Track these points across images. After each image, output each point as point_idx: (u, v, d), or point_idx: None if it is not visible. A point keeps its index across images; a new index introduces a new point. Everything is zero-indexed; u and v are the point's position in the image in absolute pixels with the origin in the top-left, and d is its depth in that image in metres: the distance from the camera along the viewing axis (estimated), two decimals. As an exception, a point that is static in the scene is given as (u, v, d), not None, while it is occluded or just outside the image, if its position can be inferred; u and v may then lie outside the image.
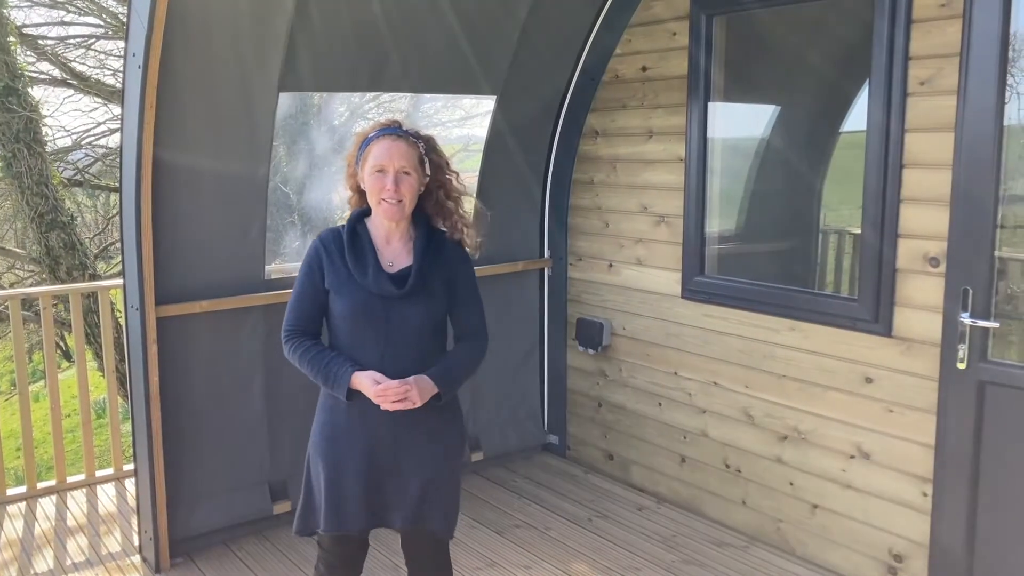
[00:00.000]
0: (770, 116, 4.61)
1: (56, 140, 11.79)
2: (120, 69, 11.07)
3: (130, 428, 3.96)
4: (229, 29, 3.48)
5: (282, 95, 3.75)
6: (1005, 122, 3.00)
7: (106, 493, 4.60)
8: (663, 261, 4.35)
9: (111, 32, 11.65)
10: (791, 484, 3.87)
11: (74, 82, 11.62)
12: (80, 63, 11.78)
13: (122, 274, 3.69)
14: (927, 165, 3.26)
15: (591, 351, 4.79)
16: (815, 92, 4.63)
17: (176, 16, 3.24)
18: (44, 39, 11.48)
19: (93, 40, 11.94)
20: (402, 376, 2.50)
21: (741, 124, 4.51)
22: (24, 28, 10.92)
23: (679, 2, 4.12)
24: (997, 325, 3.09)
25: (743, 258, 4.42)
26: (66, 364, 12.36)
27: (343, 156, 2.72)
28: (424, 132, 2.64)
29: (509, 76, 4.39)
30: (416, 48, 4.05)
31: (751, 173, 4.56)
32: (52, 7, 11.51)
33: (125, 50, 3.38)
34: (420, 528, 2.64)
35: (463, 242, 2.69)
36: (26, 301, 5.79)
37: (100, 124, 12.18)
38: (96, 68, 11.95)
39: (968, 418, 3.17)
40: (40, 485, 4.56)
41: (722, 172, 4.17)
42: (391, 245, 2.61)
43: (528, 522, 4.24)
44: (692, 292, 4.19)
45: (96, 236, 12.95)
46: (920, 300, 3.32)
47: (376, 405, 2.49)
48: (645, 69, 4.36)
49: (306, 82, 3.94)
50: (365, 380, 2.49)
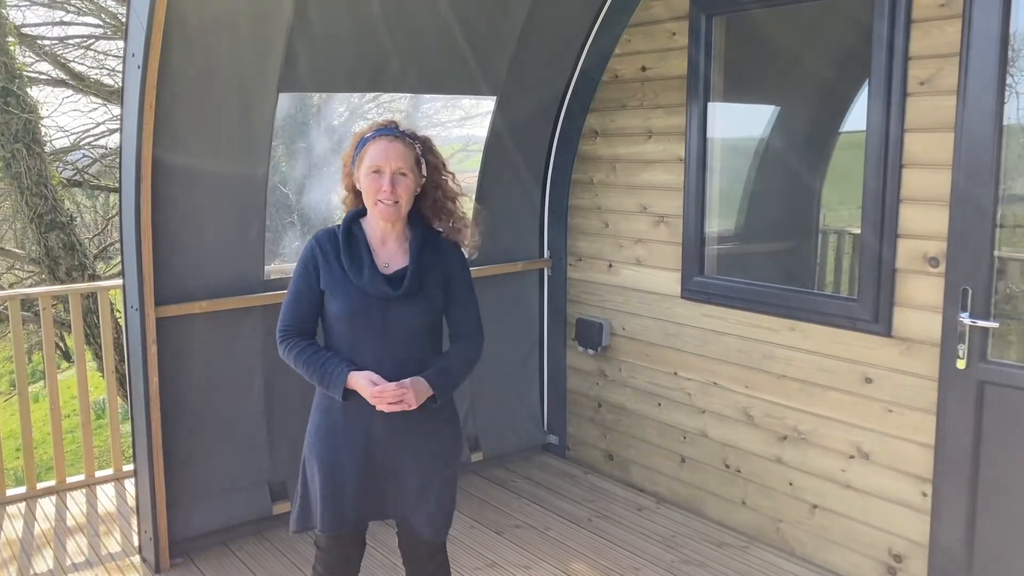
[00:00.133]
0: (770, 116, 4.61)
1: (55, 140, 11.79)
2: (119, 69, 11.07)
3: (130, 428, 3.96)
4: (228, 29, 3.48)
5: (281, 95, 3.76)
6: (1004, 122, 3.00)
7: (106, 493, 4.59)
8: (663, 261, 4.35)
9: (110, 32, 11.65)
10: (791, 484, 3.87)
11: (73, 82, 11.61)
12: (79, 63, 11.78)
13: (121, 274, 3.69)
14: (927, 165, 3.26)
15: (591, 351, 4.79)
16: (815, 92, 4.63)
17: (175, 16, 3.24)
18: (43, 39, 11.47)
19: (92, 40, 11.94)
20: (399, 376, 2.49)
21: (741, 124, 4.51)
22: (23, 28, 10.92)
23: (678, 2, 4.13)
24: (997, 325, 3.09)
25: (743, 258, 4.42)
26: (66, 364, 12.35)
27: (342, 156, 2.72)
28: (421, 133, 2.63)
29: (508, 76, 4.39)
30: (415, 48, 4.05)
31: (751, 173, 4.56)
32: (50, 7, 11.51)
33: (124, 50, 3.38)
34: (416, 528, 2.64)
35: (460, 242, 2.68)
36: (26, 301, 5.79)
37: (99, 124, 12.18)
38: (95, 68, 11.95)
39: (968, 418, 3.17)
40: (40, 485, 4.56)
41: (722, 172, 4.17)
42: (387, 246, 2.61)
43: (528, 522, 4.24)
44: (692, 292, 4.19)
45: (95, 236, 12.94)
46: (920, 300, 3.32)
47: (372, 406, 2.49)
48: (644, 69, 4.36)
49: (305, 82, 3.94)
50: (361, 380, 2.48)
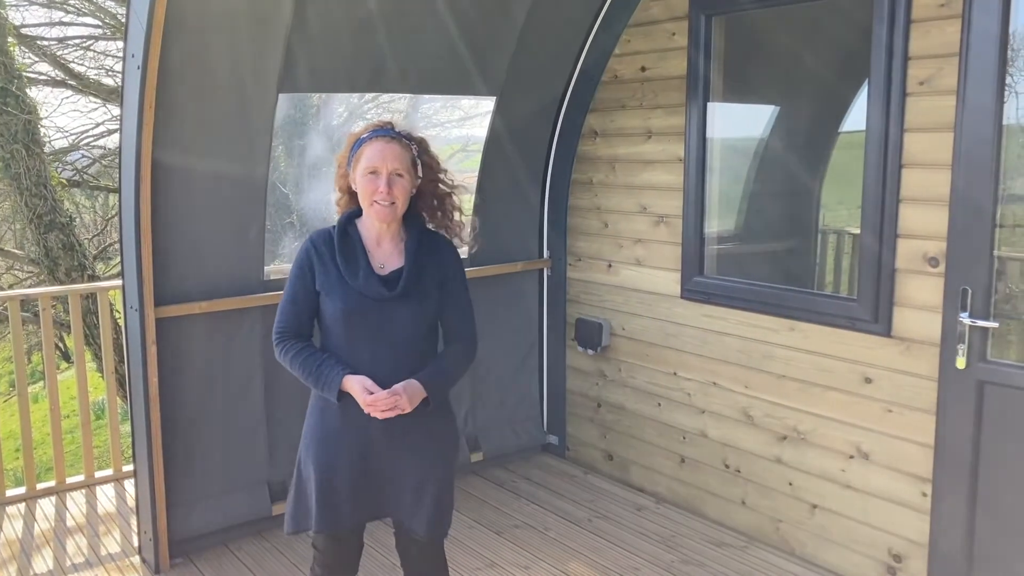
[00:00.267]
0: (769, 116, 4.61)
1: (54, 141, 11.78)
2: (119, 69, 11.07)
3: (129, 429, 3.96)
4: (228, 30, 3.48)
5: (281, 96, 3.76)
6: (1004, 122, 3.00)
7: (105, 494, 4.59)
8: (662, 261, 4.35)
9: (110, 33, 11.64)
10: (790, 484, 3.87)
11: (72, 83, 11.61)
12: (78, 64, 11.78)
13: (121, 275, 3.69)
14: (926, 165, 3.26)
15: (590, 351, 4.79)
16: (814, 92, 4.63)
17: (175, 17, 3.24)
18: (42, 40, 11.47)
19: (92, 41, 11.94)
20: (395, 377, 2.49)
21: (740, 124, 4.51)
22: (22, 28, 10.91)
23: (678, 2, 4.13)
24: (996, 325, 3.09)
25: (742, 258, 4.42)
26: (65, 365, 12.35)
27: (336, 157, 2.70)
28: (417, 134, 2.63)
29: (508, 77, 4.39)
30: (415, 49, 4.05)
31: (750, 173, 4.57)
32: (49, 7, 11.50)
33: (124, 51, 3.38)
34: (414, 529, 2.63)
35: (457, 241, 2.68)
36: (25, 302, 5.79)
37: (99, 125, 12.17)
38: (95, 69, 11.95)
39: (967, 418, 3.17)
40: (39, 486, 4.56)
41: (721, 172, 4.17)
42: (382, 247, 2.60)
43: (527, 522, 4.24)
44: (691, 292, 4.19)
45: (95, 237, 12.93)
46: (919, 300, 3.32)
47: None
48: (644, 69, 4.36)
49: (305, 83, 3.94)
50: (356, 386, 2.48)
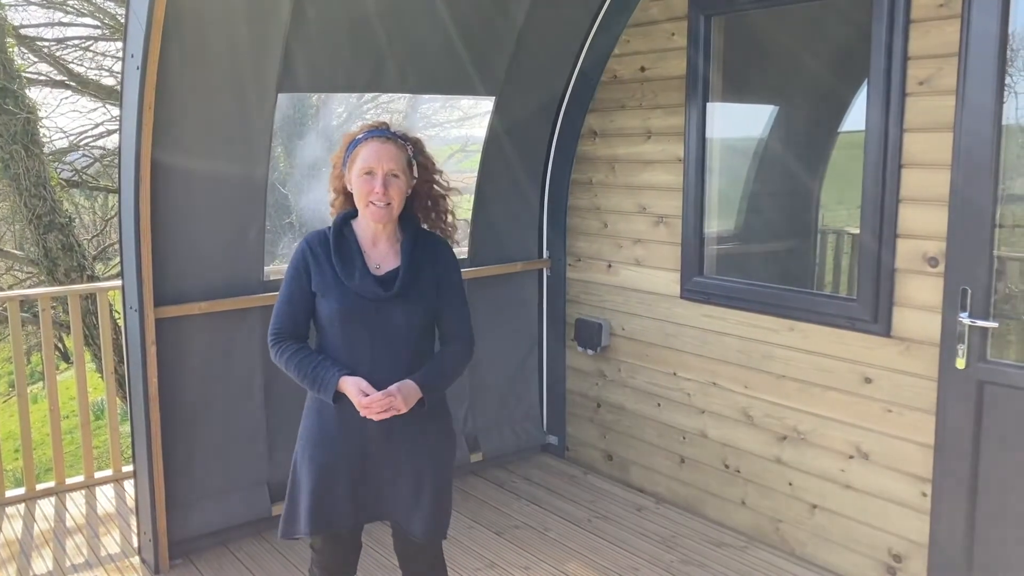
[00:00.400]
0: (768, 116, 4.61)
1: (54, 141, 11.78)
2: (118, 70, 11.07)
3: (129, 429, 3.96)
4: (227, 30, 3.48)
5: (280, 96, 3.76)
6: (1003, 122, 3.00)
7: (105, 494, 4.59)
8: (662, 261, 4.35)
9: (109, 33, 11.65)
10: (790, 484, 3.87)
11: (72, 83, 11.60)
12: (78, 64, 11.78)
13: (121, 275, 3.69)
14: (926, 165, 3.26)
15: (590, 351, 4.79)
16: (813, 92, 4.63)
17: (174, 17, 3.24)
18: (41, 40, 11.47)
19: (91, 42, 11.94)
20: (391, 378, 2.49)
21: (739, 124, 4.51)
22: (22, 29, 10.91)
23: (677, 3, 4.13)
24: (996, 325, 3.09)
25: (742, 258, 4.42)
26: (65, 366, 12.34)
27: (331, 158, 2.70)
28: (412, 134, 2.63)
29: (507, 77, 4.39)
30: (414, 49, 4.05)
31: (749, 173, 4.56)
32: (48, 7, 11.50)
33: (123, 51, 3.38)
34: (412, 532, 2.62)
35: (450, 242, 2.69)
36: (25, 303, 5.78)
37: (98, 125, 12.18)
38: (94, 69, 11.95)
39: (967, 418, 3.17)
40: (39, 487, 4.55)
41: (720, 172, 4.17)
42: (378, 247, 2.60)
43: (527, 523, 4.24)
44: (691, 292, 4.19)
45: (94, 237, 12.93)
46: (919, 300, 3.32)
47: None
48: (643, 70, 4.36)
49: (304, 83, 3.94)
50: (351, 388, 2.47)
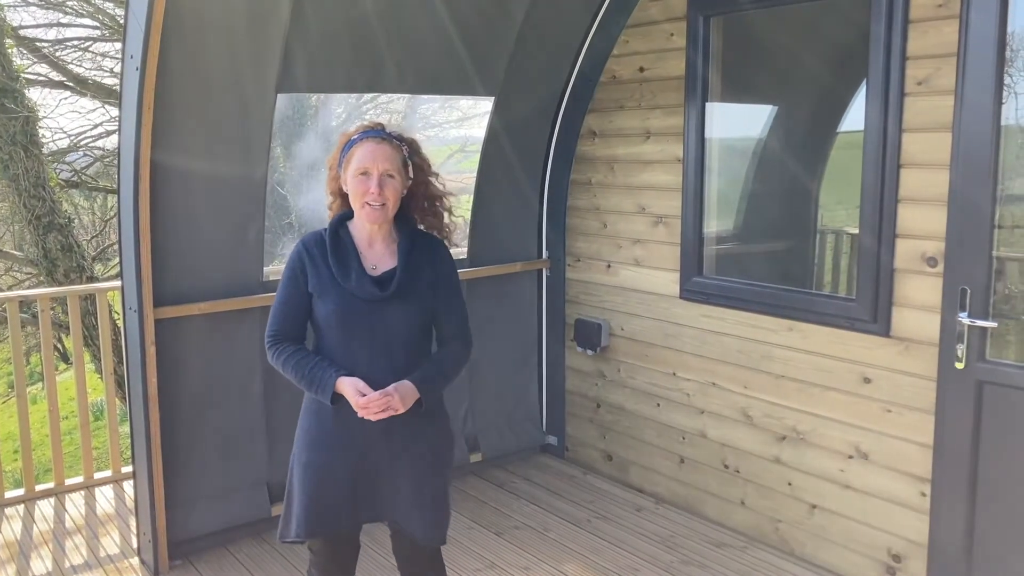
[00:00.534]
0: (767, 116, 4.62)
1: (55, 141, 11.78)
2: (117, 70, 11.07)
3: (128, 430, 3.96)
4: (226, 30, 3.48)
5: (279, 96, 3.76)
6: (1002, 122, 3.00)
7: (104, 495, 4.59)
8: (661, 262, 4.35)
9: (108, 34, 11.65)
10: (790, 484, 3.87)
11: (71, 84, 11.60)
12: (77, 65, 11.78)
13: (120, 276, 3.68)
14: (924, 165, 3.26)
15: (589, 352, 4.79)
16: (812, 92, 4.64)
17: (173, 18, 3.24)
18: (41, 41, 11.47)
19: (90, 42, 11.94)
20: (389, 378, 2.48)
21: (738, 124, 4.51)
22: (21, 30, 10.91)
23: (676, 3, 4.13)
24: (995, 325, 3.09)
25: (741, 258, 4.42)
26: (64, 366, 12.34)
27: (327, 160, 2.69)
28: (408, 135, 2.63)
29: (506, 77, 4.39)
30: (413, 49, 4.05)
31: (749, 173, 4.57)
32: (47, 8, 11.50)
33: (123, 52, 3.38)
34: (412, 534, 2.62)
35: (446, 242, 2.68)
36: (24, 303, 5.78)
37: (97, 126, 12.18)
38: (93, 70, 11.95)
39: (966, 418, 3.17)
40: (38, 487, 4.55)
41: (720, 172, 4.17)
42: (374, 248, 2.60)
43: (527, 523, 4.24)
44: (690, 293, 4.19)
45: (94, 238, 12.94)
46: (918, 300, 3.32)
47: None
48: (642, 70, 4.37)
49: (303, 83, 3.94)
50: (348, 388, 2.47)
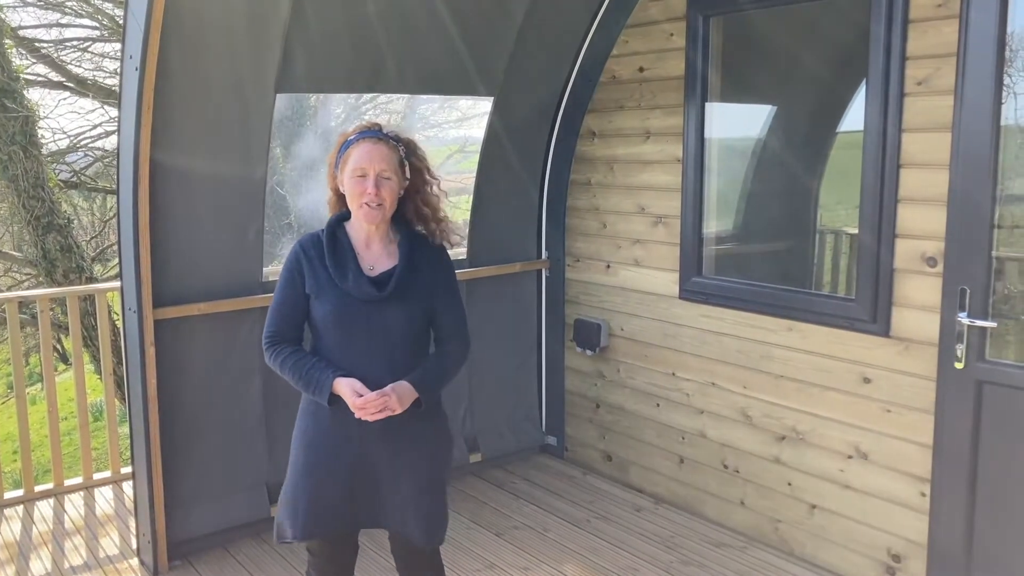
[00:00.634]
0: (767, 116, 4.62)
1: (57, 141, 11.77)
2: (116, 71, 11.07)
3: (128, 431, 3.95)
4: (226, 30, 3.48)
5: (279, 96, 3.75)
6: (1002, 122, 3.00)
7: (104, 496, 4.59)
8: (660, 262, 4.35)
9: (107, 34, 11.65)
10: (789, 484, 3.87)
11: (71, 84, 11.60)
12: (76, 66, 11.77)
13: (119, 276, 3.68)
14: (924, 165, 3.26)
15: (589, 352, 4.79)
16: (812, 92, 4.64)
17: (173, 18, 3.24)
18: (40, 41, 11.47)
19: (90, 43, 11.94)
20: (387, 379, 2.48)
21: (738, 124, 4.51)
22: (20, 30, 10.91)
23: (676, 3, 4.13)
24: (995, 325, 3.09)
25: (740, 258, 4.42)
26: (63, 367, 12.32)
27: (327, 158, 2.69)
28: (405, 135, 2.62)
29: (506, 77, 4.39)
30: (413, 49, 4.05)
31: (748, 173, 4.57)
32: (46, 8, 11.50)
33: (122, 52, 3.38)
34: (411, 536, 2.61)
35: (444, 243, 2.66)
36: (23, 304, 5.78)
37: (96, 126, 12.17)
38: (93, 70, 11.95)
39: (966, 418, 3.17)
40: (37, 488, 4.55)
41: (719, 172, 4.17)
42: (371, 249, 2.60)
43: (526, 523, 4.24)
44: (690, 293, 4.19)
45: (93, 239, 12.93)
46: (918, 300, 3.32)
47: None
48: (642, 70, 4.36)
49: (303, 83, 3.94)
50: (345, 389, 2.46)
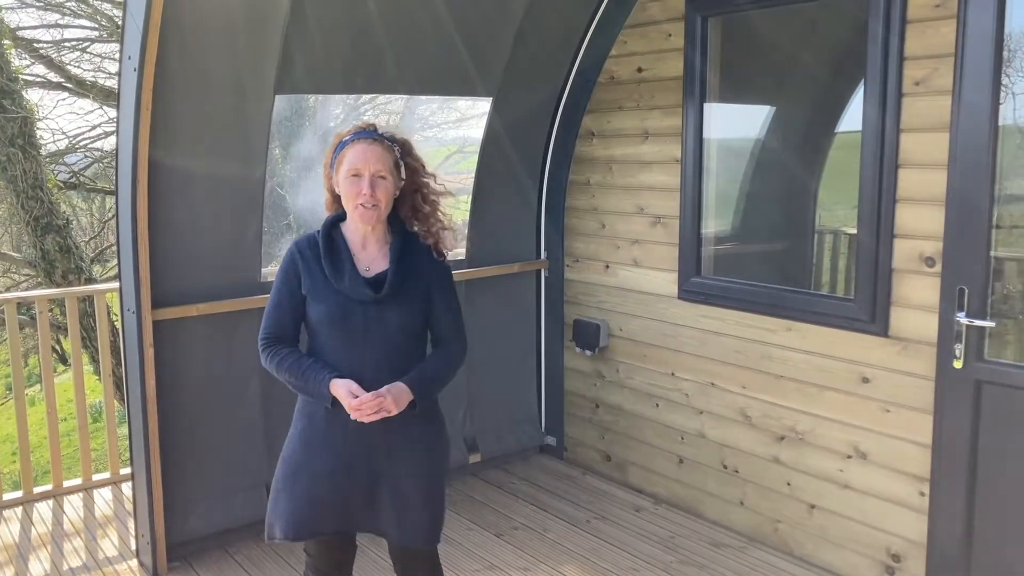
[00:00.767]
0: (765, 117, 4.62)
1: (56, 142, 11.76)
2: (115, 72, 11.06)
3: (127, 432, 3.95)
4: (225, 31, 3.48)
5: (278, 97, 3.75)
6: (1000, 122, 3.00)
7: (103, 497, 4.58)
8: (659, 262, 4.35)
9: (106, 35, 11.64)
10: (789, 484, 3.87)
11: (70, 85, 11.59)
12: (75, 66, 11.77)
13: (118, 277, 3.68)
14: (922, 165, 3.26)
15: (588, 352, 4.79)
16: (810, 92, 4.64)
17: (171, 19, 3.24)
18: (39, 42, 11.46)
19: (88, 43, 11.93)
20: (383, 380, 2.48)
21: (736, 125, 4.51)
22: (19, 31, 10.90)
23: (674, 3, 4.13)
24: (993, 324, 3.09)
25: (739, 259, 4.42)
26: (62, 368, 12.31)
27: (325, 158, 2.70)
28: (400, 136, 2.62)
29: (505, 78, 4.39)
30: (412, 50, 4.05)
31: (747, 174, 4.57)
32: (45, 9, 11.50)
33: (121, 53, 3.38)
34: (409, 537, 2.61)
35: (439, 246, 2.65)
36: (22, 305, 5.78)
37: (95, 127, 12.17)
38: (91, 71, 11.95)
39: (965, 417, 3.17)
40: (36, 489, 4.55)
41: (718, 173, 4.17)
42: (367, 250, 2.59)
43: (526, 524, 4.24)
44: (689, 293, 4.19)
45: (92, 239, 12.92)
46: (916, 300, 3.32)
47: None
48: (641, 70, 4.37)
49: (302, 84, 3.94)
50: (341, 391, 2.46)
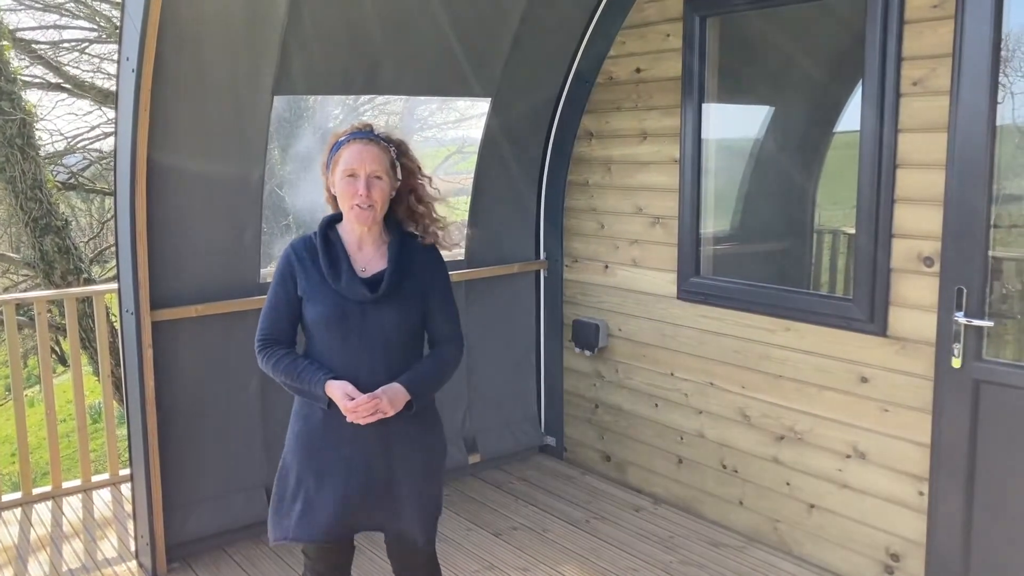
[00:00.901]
0: (764, 117, 4.62)
1: (54, 143, 11.76)
2: (114, 73, 11.06)
3: (126, 433, 3.95)
4: (223, 32, 3.48)
5: (276, 98, 3.76)
6: (998, 122, 3.01)
7: (102, 498, 4.58)
8: (658, 262, 4.36)
9: (105, 36, 11.64)
10: (788, 484, 3.87)
11: (68, 86, 11.59)
12: (73, 67, 11.77)
13: (117, 278, 3.69)
14: (920, 165, 3.27)
15: (587, 352, 4.79)
16: (808, 93, 4.64)
17: (170, 19, 3.24)
18: (37, 43, 11.46)
19: (87, 44, 11.93)
20: (380, 381, 2.48)
21: (735, 125, 4.51)
22: (17, 32, 10.90)
23: (672, 4, 4.13)
24: (991, 324, 3.10)
25: (738, 259, 4.43)
26: (61, 369, 12.31)
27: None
28: (396, 136, 2.62)
29: (503, 78, 4.39)
30: (410, 51, 4.05)
31: (745, 174, 4.57)
32: (44, 10, 11.50)
33: (119, 54, 3.38)
34: (408, 538, 2.62)
35: (437, 245, 2.66)
36: (21, 306, 5.78)
37: (94, 128, 12.17)
38: (90, 72, 11.94)
39: (963, 417, 3.18)
40: (36, 491, 4.55)
41: (716, 173, 4.17)
42: (363, 250, 2.60)
43: (525, 524, 4.24)
44: (687, 293, 4.20)
45: (91, 240, 12.92)
46: (915, 300, 3.33)
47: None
48: (639, 71, 4.37)
49: (300, 85, 3.94)
50: (337, 392, 2.47)
